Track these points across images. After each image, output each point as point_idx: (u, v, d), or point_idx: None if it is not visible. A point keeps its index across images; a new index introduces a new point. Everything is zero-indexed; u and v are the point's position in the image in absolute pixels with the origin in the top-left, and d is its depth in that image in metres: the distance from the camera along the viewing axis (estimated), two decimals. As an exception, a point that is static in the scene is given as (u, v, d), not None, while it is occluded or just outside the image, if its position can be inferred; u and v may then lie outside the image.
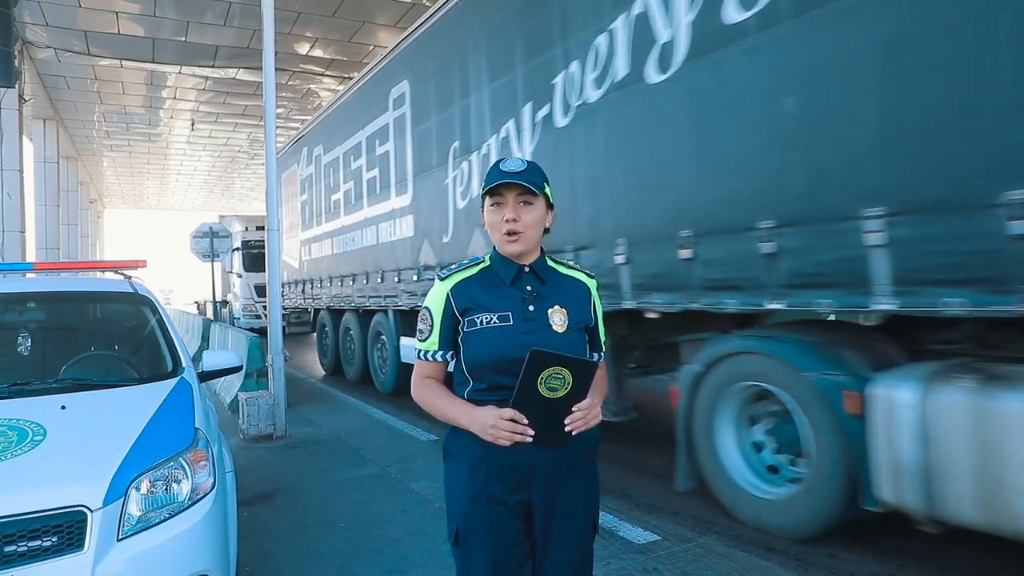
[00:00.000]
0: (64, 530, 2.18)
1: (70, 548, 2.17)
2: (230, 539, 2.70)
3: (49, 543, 2.15)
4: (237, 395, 7.18)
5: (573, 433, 1.63)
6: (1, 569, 2.07)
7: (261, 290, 18.47)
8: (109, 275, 4.18)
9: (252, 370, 7.73)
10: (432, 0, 8.67)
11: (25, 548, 2.12)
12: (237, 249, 18.87)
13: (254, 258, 19.37)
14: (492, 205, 1.75)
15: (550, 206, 1.80)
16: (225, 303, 20.45)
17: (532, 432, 1.61)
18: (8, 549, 2.10)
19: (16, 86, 12.08)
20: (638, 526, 3.90)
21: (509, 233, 1.72)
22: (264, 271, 18.33)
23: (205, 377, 3.51)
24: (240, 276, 19.22)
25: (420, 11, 12.39)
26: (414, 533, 3.93)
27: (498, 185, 1.71)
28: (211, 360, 3.59)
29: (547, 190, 1.77)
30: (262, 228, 20.31)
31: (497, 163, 1.73)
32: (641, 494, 4.55)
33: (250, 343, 8.04)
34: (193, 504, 2.49)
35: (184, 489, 2.50)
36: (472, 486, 1.72)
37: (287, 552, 3.72)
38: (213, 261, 12.71)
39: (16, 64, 11.30)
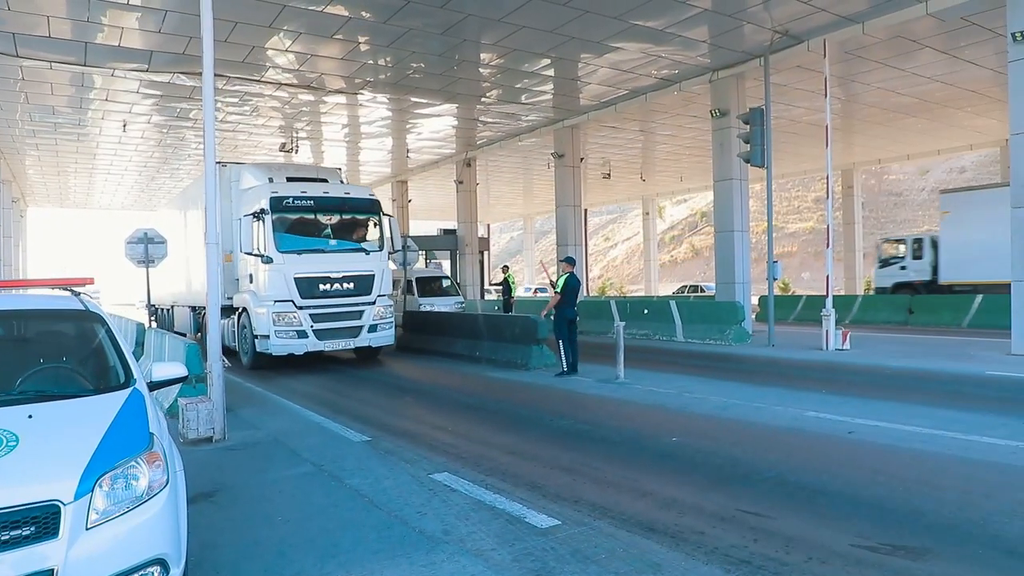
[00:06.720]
0: (41, 521, 2.59)
1: (47, 536, 2.58)
2: (181, 528, 3.12)
3: (28, 532, 2.56)
4: (176, 400, 7.44)
5: None
6: (-12, 554, 2.46)
7: (312, 285, 11.80)
8: (58, 292, 4.46)
9: (190, 375, 7.98)
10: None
11: (8, 536, 2.53)
12: (260, 214, 11.58)
13: (294, 226, 11.99)
14: None
15: None
16: (232, 311, 12.90)
17: None
18: (-7, 537, 2.50)
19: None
20: (542, 513, 4.47)
21: None
22: (319, 249, 11.88)
23: (153, 387, 3.89)
24: (268, 261, 11.60)
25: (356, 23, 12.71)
26: (346, 523, 4.40)
27: None
28: (159, 372, 3.97)
29: None
30: (309, 180, 12.91)
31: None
32: (550, 486, 5.12)
33: (188, 349, 8.25)
34: (150, 498, 2.91)
35: (142, 485, 2.92)
36: None
37: (229, 543, 4.14)
38: (148, 266, 12.63)
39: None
